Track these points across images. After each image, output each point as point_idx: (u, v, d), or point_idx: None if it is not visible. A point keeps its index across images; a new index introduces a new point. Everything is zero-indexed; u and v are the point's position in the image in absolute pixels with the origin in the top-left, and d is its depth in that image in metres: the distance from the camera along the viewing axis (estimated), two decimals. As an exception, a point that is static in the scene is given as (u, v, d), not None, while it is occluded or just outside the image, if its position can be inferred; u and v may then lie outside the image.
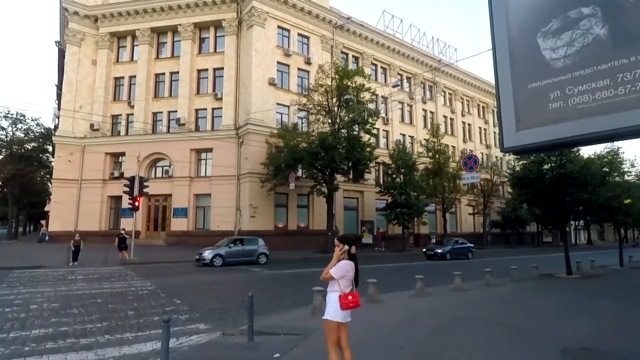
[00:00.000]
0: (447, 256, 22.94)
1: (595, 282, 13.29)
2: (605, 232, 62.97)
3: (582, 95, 3.77)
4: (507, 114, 4.34)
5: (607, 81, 3.60)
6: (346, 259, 3.83)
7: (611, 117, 3.55)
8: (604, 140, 3.73)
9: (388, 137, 35.41)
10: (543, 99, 4.07)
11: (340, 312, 3.68)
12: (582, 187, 13.23)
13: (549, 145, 4.04)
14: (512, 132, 4.27)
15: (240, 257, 17.03)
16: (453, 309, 7.61)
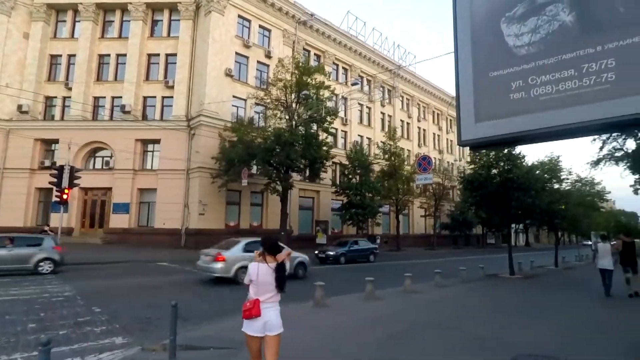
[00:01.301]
0: (341, 259, 19.66)
1: (535, 282, 13.83)
2: (540, 234, 67.71)
3: (545, 86, 3.49)
4: (466, 104, 4.01)
5: (572, 71, 3.35)
6: (262, 262, 3.39)
7: (575, 109, 3.30)
8: (567, 135, 3.51)
9: (346, 137, 35.37)
10: (504, 88, 3.77)
11: (244, 321, 3.32)
12: (526, 191, 13.73)
13: (509, 139, 3.75)
14: (470, 124, 3.94)
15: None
16: (405, 313, 7.33)
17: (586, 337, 6.10)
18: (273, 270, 3.35)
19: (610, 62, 3.10)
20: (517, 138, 3.61)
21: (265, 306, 3.30)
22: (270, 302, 3.35)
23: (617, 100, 3.03)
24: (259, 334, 3.30)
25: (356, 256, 20.75)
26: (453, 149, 50.42)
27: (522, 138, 3.61)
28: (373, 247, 22.52)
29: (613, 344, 5.71)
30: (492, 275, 14.89)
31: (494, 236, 50.31)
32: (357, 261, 20.44)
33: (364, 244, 22.18)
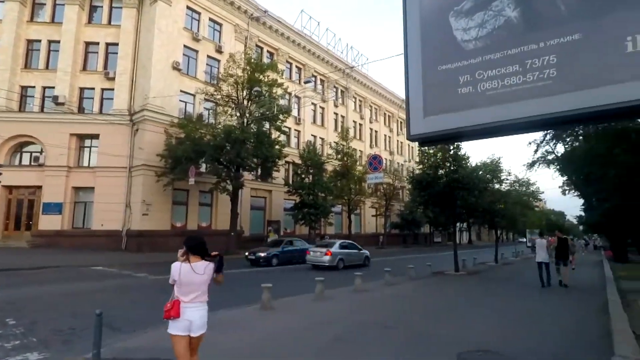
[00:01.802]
0: (274, 261, 17.90)
1: (478, 278, 14.51)
2: (482, 232, 72.10)
3: (491, 81, 3.49)
4: (415, 98, 3.93)
5: (517, 67, 3.36)
6: (185, 262, 3.30)
7: (520, 104, 3.31)
8: (513, 131, 3.54)
9: (299, 137, 35.16)
10: (453, 82, 3.73)
11: (169, 322, 3.27)
12: (470, 191, 14.37)
13: (458, 133, 3.71)
14: (419, 118, 3.86)
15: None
16: (354, 313, 7.22)
17: (525, 328, 6.36)
18: (195, 271, 3.27)
19: (552, 59, 3.15)
20: (465, 133, 3.59)
21: (189, 306, 3.25)
22: (195, 302, 3.28)
23: (558, 97, 3.07)
24: (183, 333, 3.25)
25: (291, 257, 19.02)
26: (403, 151, 52.10)
27: (470, 133, 3.59)
28: (309, 247, 20.29)
29: (548, 332, 5.99)
30: (438, 272, 15.41)
31: (441, 235, 52.70)
32: (293, 262, 18.81)
33: (300, 244, 20.49)
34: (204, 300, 3.35)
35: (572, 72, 3.03)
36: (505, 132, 3.57)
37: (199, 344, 3.39)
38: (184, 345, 3.26)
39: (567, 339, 5.68)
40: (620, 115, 2.86)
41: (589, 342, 5.43)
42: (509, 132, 3.57)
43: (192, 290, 3.26)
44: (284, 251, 18.96)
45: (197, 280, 3.27)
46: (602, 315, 7.27)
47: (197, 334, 3.29)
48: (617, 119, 3.02)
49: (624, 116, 3.00)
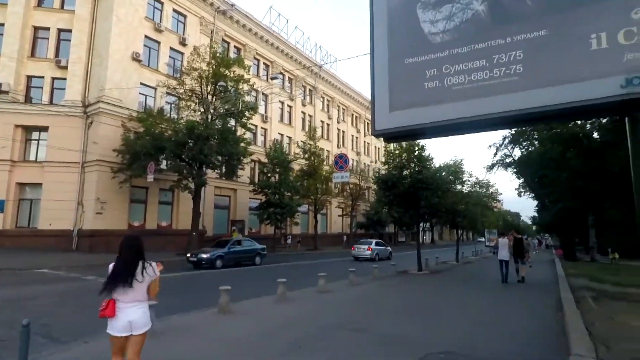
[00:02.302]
0: (218, 263, 16.46)
1: (441, 276, 14.80)
2: (443, 232, 74.43)
3: (458, 76, 3.40)
4: (381, 92, 3.78)
5: (484, 62, 3.29)
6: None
7: (487, 100, 3.24)
8: (479, 128, 3.48)
9: (266, 135, 34.62)
10: (419, 76, 3.62)
11: (108, 321, 3.16)
12: (434, 191, 14.61)
13: (423, 129, 3.61)
14: (384, 113, 3.72)
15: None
16: (317, 315, 7.01)
17: (488, 327, 6.42)
18: (124, 266, 3.20)
19: (518, 54, 3.10)
20: (432, 129, 3.49)
21: (127, 306, 3.15)
22: (134, 301, 3.18)
23: (524, 93, 3.03)
24: (123, 333, 3.14)
25: (238, 259, 17.86)
26: (370, 151, 52.72)
27: (436, 129, 3.49)
28: (260, 247, 19.48)
29: (510, 331, 6.08)
30: (402, 271, 15.56)
31: (404, 234, 53.86)
32: (241, 264, 17.82)
33: (249, 244, 19.35)
34: (143, 299, 3.26)
35: (538, 68, 2.99)
36: (471, 129, 3.51)
37: (141, 346, 3.25)
38: (119, 346, 3.19)
39: (527, 338, 5.76)
40: (583, 113, 2.84)
41: (548, 341, 5.53)
42: (476, 129, 3.51)
43: (122, 290, 3.15)
44: (231, 252, 17.46)
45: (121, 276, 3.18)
46: (558, 312, 7.51)
47: (139, 332, 3.19)
48: (580, 117, 2.96)
49: (586, 114, 2.96)
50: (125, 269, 3.16)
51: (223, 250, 17.22)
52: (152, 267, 3.28)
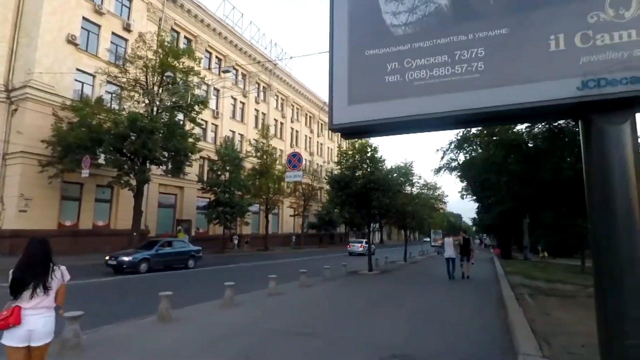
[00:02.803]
0: (142, 267, 14.57)
1: (390, 276, 15.06)
2: (392, 233, 76.93)
3: (420, 70, 3.27)
4: (340, 84, 3.57)
5: (445, 57, 3.19)
6: None
7: (448, 97, 3.13)
8: (439, 126, 3.39)
9: (217, 131, 33.42)
10: (380, 69, 3.45)
11: (4, 332, 2.89)
12: (385, 192, 14.84)
13: (383, 124, 3.43)
14: (343, 106, 3.49)
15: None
16: (267, 320, 6.67)
17: (437, 327, 6.49)
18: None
19: (480, 52, 3.04)
20: (392, 125, 3.33)
21: (31, 313, 2.89)
22: (38, 308, 2.94)
23: (485, 91, 2.97)
24: (21, 344, 2.86)
25: (169, 261, 16.10)
26: (323, 152, 52.98)
27: (396, 125, 3.35)
28: (194, 249, 17.71)
29: (457, 330, 6.19)
30: (353, 272, 15.63)
31: (355, 235, 54.77)
32: (173, 267, 16.13)
33: (180, 245, 17.42)
34: (48, 305, 3.02)
35: (499, 67, 2.95)
36: (432, 127, 3.41)
37: (42, 358, 2.99)
38: (20, 358, 2.89)
39: (475, 336, 5.88)
40: (541, 115, 2.85)
41: (494, 339, 5.67)
42: (436, 127, 3.42)
43: (36, 296, 2.94)
44: (159, 254, 15.58)
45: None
46: (501, 309, 7.83)
47: (39, 344, 2.92)
48: (537, 118, 2.91)
49: (544, 116, 2.93)
50: (31, 273, 2.86)
51: (149, 252, 15.27)
52: (61, 270, 3.04)
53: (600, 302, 2.62)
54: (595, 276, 2.70)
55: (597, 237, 2.62)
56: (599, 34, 2.63)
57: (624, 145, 2.56)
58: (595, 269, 2.70)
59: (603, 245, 2.57)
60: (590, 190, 2.70)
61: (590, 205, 2.72)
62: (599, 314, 2.63)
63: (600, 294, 2.62)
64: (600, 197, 2.59)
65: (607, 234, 2.53)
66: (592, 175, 2.66)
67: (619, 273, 2.45)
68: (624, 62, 2.53)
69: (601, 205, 2.58)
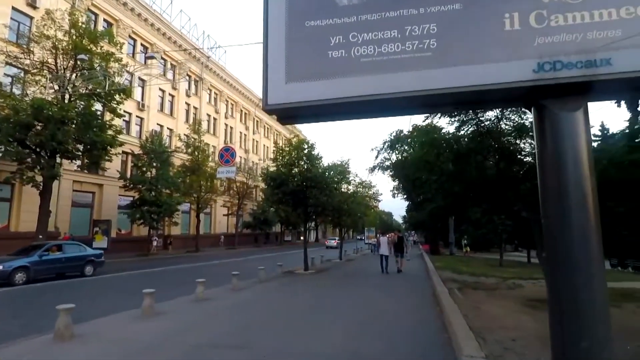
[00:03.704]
0: (18, 278, 11.90)
1: (327, 275, 14.85)
2: (327, 231, 77.95)
3: (367, 46, 2.91)
4: (276, 59, 3.08)
5: (395, 33, 2.87)
6: None
7: (397, 76, 2.81)
8: (386, 111, 3.06)
9: (142, 125, 30.84)
10: (322, 43, 3.03)
11: None
12: (322, 190, 14.60)
13: (324, 105, 3.02)
14: (280, 85, 3.01)
15: None
16: (192, 331, 5.93)
17: (376, 329, 6.29)
18: None
19: (432, 28, 2.77)
20: (335, 106, 2.93)
21: None
22: None
23: (437, 71, 2.70)
24: None
25: (59, 268, 13.64)
26: (258, 150, 51.78)
27: (341, 107, 2.95)
28: (93, 253, 15.21)
29: (396, 330, 6.04)
30: (289, 272, 15.17)
31: (291, 233, 54.41)
32: (64, 276, 13.76)
33: (74, 250, 14.54)
34: None
35: (452, 45, 2.70)
36: (379, 111, 3.08)
37: None
38: None
39: (413, 337, 5.75)
40: (494, 100, 2.65)
41: (433, 339, 5.57)
42: (383, 111, 3.09)
43: None
44: (44, 261, 12.97)
45: None
46: (436, 306, 7.93)
47: None
48: (490, 104, 2.64)
49: (497, 102, 2.71)
50: None
51: (29, 259, 12.52)
52: None
53: (554, 301, 2.48)
54: (549, 274, 2.56)
55: (550, 232, 2.48)
56: (553, 15, 2.49)
57: (578, 133, 2.44)
58: (549, 267, 2.55)
59: (557, 240, 2.43)
60: (544, 182, 2.56)
61: (543, 198, 2.60)
62: (554, 313, 2.49)
63: (554, 293, 2.48)
64: (554, 189, 2.45)
65: (560, 229, 2.39)
66: (546, 166, 2.52)
67: (573, 271, 2.32)
68: (578, 45, 2.42)
69: (554, 197, 2.43)
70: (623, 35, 2.33)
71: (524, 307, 7.75)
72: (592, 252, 2.29)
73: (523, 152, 10.91)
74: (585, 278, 2.27)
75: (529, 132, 10.21)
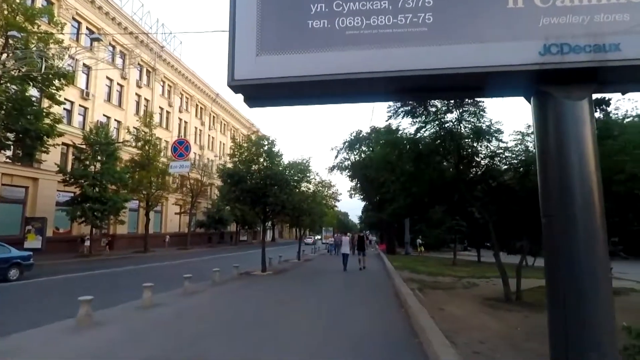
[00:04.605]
0: None
1: (285, 276, 14.35)
2: (283, 230, 77.21)
3: (354, 17, 2.51)
4: (245, 27, 2.59)
5: (386, 4, 2.51)
6: None
7: (388, 52, 2.44)
8: (373, 93, 2.69)
9: (87, 115, 28.46)
10: (302, 11, 2.59)
11: None
12: (282, 188, 14.10)
13: (302, 83, 2.58)
14: (249, 57, 2.53)
15: None
16: (134, 344, 5.22)
17: (340, 335, 5.95)
18: None
19: (428, 1, 2.45)
20: (312, 85, 2.51)
21: None
22: None
23: (433, 48, 2.37)
24: None
25: None
26: (214, 146, 49.99)
27: (321, 87, 2.53)
28: (18, 255, 13.10)
29: (362, 334, 5.75)
30: (245, 273, 14.51)
31: (247, 233, 53.06)
32: None
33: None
34: None
35: (450, 21, 2.40)
36: (364, 94, 2.69)
37: None
38: None
39: (382, 343, 5.46)
40: (494, 85, 2.38)
41: (402, 344, 5.32)
42: (368, 94, 2.70)
43: None
44: None
45: None
46: (400, 308, 7.75)
47: None
48: (489, 90, 2.34)
49: (496, 88, 2.44)
50: None
51: None
52: None
53: (556, 309, 2.23)
54: (549, 278, 2.31)
55: (551, 232, 2.22)
56: (559, -6, 2.28)
57: (583, 124, 2.22)
58: (549, 270, 2.29)
59: (559, 241, 2.18)
60: (545, 178, 2.32)
61: (544, 195, 2.36)
62: (555, 322, 2.24)
63: (556, 299, 2.22)
64: (557, 185, 2.21)
65: (564, 228, 2.15)
66: (547, 160, 2.29)
67: (578, 275, 2.09)
68: (586, 28, 2.21)
69: (557, 194, 2.19)
70: (631, 20, 2.14)
71: (483, 306, 7.82)
72: (598, 254, 2.07)
73: (480, 155, 11.17)
74: (591, 282, 2.05)
75: (485, 136, 10.46)
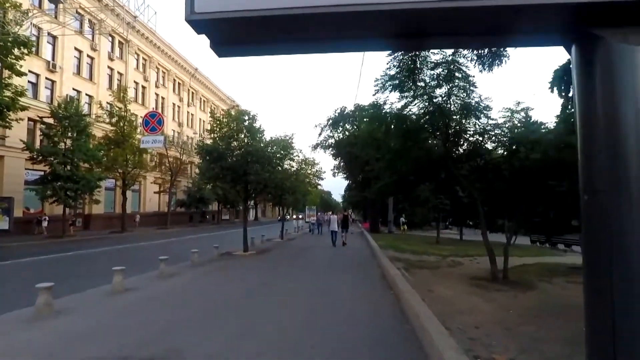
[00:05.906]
0: None
1: (268, 256, 13.93)
2: (266, 209, 76.86)
3: None
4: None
5: None
6: None
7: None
8: (372, 38, 2.12)
9: (54, 88, 26.78)
10: None
11: None
12: (263, 166, 13.52)
13: (274, 17, 1.98)
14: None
15: None
16: (100, 335, 4.69)
17: (327, 327, 5.60)
18: None
19: None
20: (289, 24, 1.94)
21: None
22: None
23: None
24: None
25: None
26: (194, 123, 48.46)
27: (302, 27, 1.97)
28: None
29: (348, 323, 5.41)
30: (226, 253, 14.04)
31: (229, 212, 52.39)
32: None
33: None
34: None
35: None
36: (352, 40, 2.10)
37: None
38: None
39: (373, 331, 5.12)
40: (524, 24, 1.88)
41: (395, 333, 4.98)
42: (361, 41, 2.13)
43: None
44: None
45: None
46: (388, 290, 7.46)
47: None
48: (514, 34, 1.73)
49: (525, 30, 1.93)
50: None
51: None
52: None
53: (599, 309, 1.80)
54: (590, 272, 1.86)
55: (598, 211, 1.81)
56: None
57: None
58: (590, 261, 1.84)
59: (609, 224, 1.75)
60: (589, 145, 1.88)
61: (586, 166, 1.92)
62: (595, 327, 1.83)
63: (599, 298, 1.79)
64: (605, 154, 1.79)
65: (616, 207, 1.73)
66: (594, 122, 1.84)
67: (637, 266, 1.70)
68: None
69: (607, 164, 1.78)
70: None
71: (471, 287, 7.62)
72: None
73: (469, 132, 10.82)
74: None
75: (474, 112, 10.08)
